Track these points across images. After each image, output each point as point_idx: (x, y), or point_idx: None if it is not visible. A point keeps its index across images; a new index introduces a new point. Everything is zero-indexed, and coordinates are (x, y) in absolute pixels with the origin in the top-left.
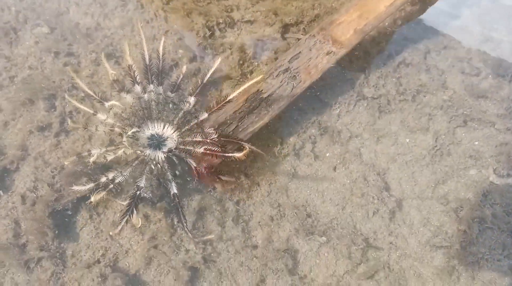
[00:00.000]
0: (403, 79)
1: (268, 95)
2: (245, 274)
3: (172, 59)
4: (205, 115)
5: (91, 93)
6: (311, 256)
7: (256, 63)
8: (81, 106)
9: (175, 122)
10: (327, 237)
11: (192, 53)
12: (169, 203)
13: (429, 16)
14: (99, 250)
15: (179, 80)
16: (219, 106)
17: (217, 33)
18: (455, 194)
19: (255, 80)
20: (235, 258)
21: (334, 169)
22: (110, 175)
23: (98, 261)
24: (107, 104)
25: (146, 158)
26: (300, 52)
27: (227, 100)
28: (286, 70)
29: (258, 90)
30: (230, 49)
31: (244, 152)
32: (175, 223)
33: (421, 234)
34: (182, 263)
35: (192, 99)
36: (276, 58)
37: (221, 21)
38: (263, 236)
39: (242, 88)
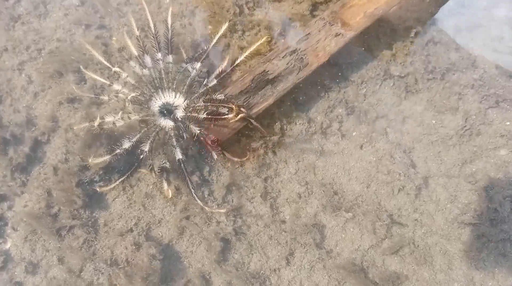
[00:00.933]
0: (432, 57)
1: (274, 77)
2: (274, 247)
3: (201, 34)
4: (214, 81)
5: (107, 63)
6: (337, 231)
7: (283, 40)
8: (97, 77)
9: (183, 90)
10: (353, 213)
11: (222, 30)
12: (199, 176)
13: None
14: (131, 220)
15: (204, 52)
16: (226, 71)
17: (246, 10)
18: (484, 173)
19: (260, 41)
20: (265, 232)
21: (361, 147)
22: (125, 145)
23: (131, 230)
24: (113, 69)
25: (154, 124)
26: (309, 33)
27: (235, 64)
28: (294, 51)
29: (264, 70)
30: (259, 26)
31: (235, 113)
32: (206, 196)
33: (448, 211)
34: (214, 234)
35: (198, 65)
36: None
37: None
38: (291, 212)
39: (248, 51)
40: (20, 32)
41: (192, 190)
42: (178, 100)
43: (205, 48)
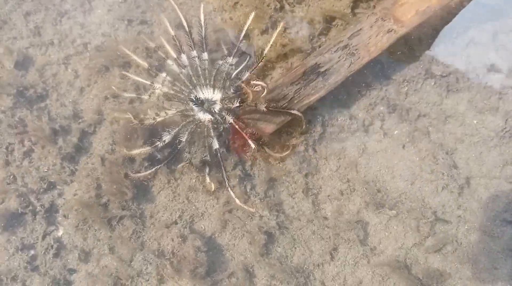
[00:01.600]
0: (472, 58)
1: (325, 70)
2: (318, 242)
3: (241, 29)
4: (247, 74)
5: (146, 65)
6: (381, 229)
7: (324, 39)
8: (138, 78)
9: (220, 85)
10: (397, 210)
11: (264, 25)
12: (241, 170)
13: None
14: (176, 212)
15: (238, 47)
16: (257, 64)
17: (287, 7)
18: None
19: (278, 29)
20: (307, 227)
21: (403, 147)
22: (165, 138)
23: (176, 222)
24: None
25: (193, 118)
26: (361, 29)
27: (263, 55)
28: (345, 46)
29: (316, 63)
30: (300, 23)
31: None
32: (248, 190)
33: (490, 209)
34: (257, 227)
35: (230, 59)
36: None
37: None
38: (333, 209)
39: (272, 39)
40: (66, 27)
41: (226, 180)
42: (215, 95)
43: (237, 43)
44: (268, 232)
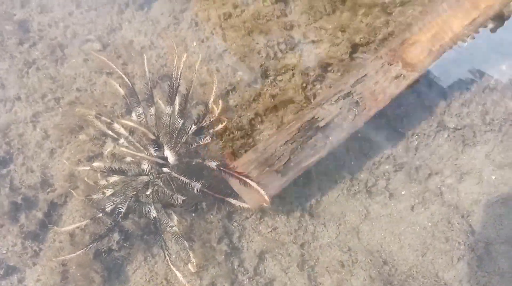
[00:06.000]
0: (489, 106)
1: (326, 124)
2: None
3: (229, 83)
4: (194, 127)
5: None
6: None
7: (319, 86)
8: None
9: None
10: None
11: (253, 76)
12: (228, 245)
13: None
14: None
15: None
16: (203, 117)
17: (279, 54)
18: None
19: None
20: None
21: (412, 209)
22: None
23: None
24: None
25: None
26: (365, 75)
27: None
28: (348, 94)
29: (313, 117)
30: (292, 70)
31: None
32: (235, 267)
33: None
34: None
35: (168, 108)
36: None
37: (281, 41)
38: (333, 285)
39: (214, 87)
40: (34, 79)
41: (165, 252)
42: (167, 153)
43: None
44: None
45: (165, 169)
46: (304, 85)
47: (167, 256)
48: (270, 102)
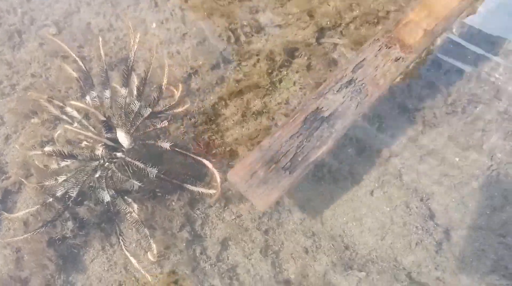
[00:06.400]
0: (452, 88)
1: (330, 114)
2: None
3: (191, 66)
4: (149, 110)
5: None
6: None
7: (286, 72)
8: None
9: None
10: (366, 271)
11: (215, 59)
12: (189, 232)
13: (478, 18)
14: (112, 284)
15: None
16: (157, 99)
17: (243, 38)
18: None
19: None
20: None
21: (371, 193)
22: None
23: None
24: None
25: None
26: (364, 59)
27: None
28: (350, 82)
29: (317, 107)
30: (257, 55)
31: None
32: (197, 254)
33: (475, 269)
34: None
35: (123, 90)
36: (308, 65)
37: (245, 24)
38: (297, 270)
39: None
40: None
41: (120, 238)
42: (120, 136)
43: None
44: None
45: (119, 154)
46: (270, 70)
47: (121, 241)
48: (235, 86)
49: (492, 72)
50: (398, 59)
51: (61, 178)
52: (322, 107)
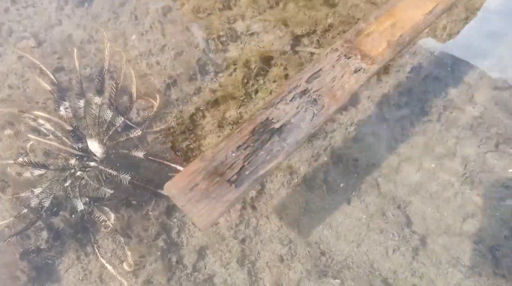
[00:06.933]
0: (430, 95)
1: (281, 125)
2: None
3: (169, 75)
4: (121, 119)
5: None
6: None
7: (262, 81)
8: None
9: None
10: (341, 278)
11: (192, 70)
12: (165, 240)
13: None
14: None
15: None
16: (130, 108)
17: (219, 47)
18: (489, 231)
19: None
20: None
21: (348, 202)
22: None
23: None
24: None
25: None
26: (320, 69)
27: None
28: (304, 92)
29: (267, 118)
30: (234, 65)
31: None
32: (173, 264)
33: (451, 276)
34: None
35: (97, 99)
36: (286, 75)
37: (222, 34)
38: (272, 279)
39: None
40: None
41: (95, 246)
42: (93, 146)
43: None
44: None
45: (91, 163)
46: (245, 80)
47: (96, 248)
48: (211, 97)
49: (467, 78)
50: (358, 70)
51: (37, 190)
52: (273, 118)
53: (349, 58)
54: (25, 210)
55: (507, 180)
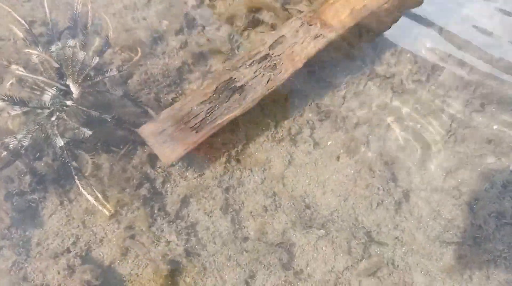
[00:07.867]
0: (419, 55)
1: (241, 85)
2: (233, 270)
3: (155, 30)
4: (97, 58)
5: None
6: (309, 250)
7: (247, 37)
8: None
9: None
10: (326, 230)
11: (179, 24)
12: (149, 189)
13: None
14: (69, 238)
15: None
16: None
17: (206, 1)
18: (469, 185)
19: None
20: (222, 252)
21: (337, 158)
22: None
23: (68, 250)
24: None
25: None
26: (283, 35)
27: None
28: (264, 57)
29: (230, 77)
30: (219, 20)
31: None
32: (155, 211)
33: (430, 229)
34: (161, 255)
35: (70, 42)
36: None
37: None
38: (256, 227)
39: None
40: None
41: (77, 180)
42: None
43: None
44: (174, 261)
45: (68, 102)
46: (231, 36)
47: (77, 181)
48: (197, 49)
49: (454, 39)
50: (318, 36)
51: (19, 135)
52: (235, 78)
53: (310, 25)
54: (4, 153)
55: (491, 135)
